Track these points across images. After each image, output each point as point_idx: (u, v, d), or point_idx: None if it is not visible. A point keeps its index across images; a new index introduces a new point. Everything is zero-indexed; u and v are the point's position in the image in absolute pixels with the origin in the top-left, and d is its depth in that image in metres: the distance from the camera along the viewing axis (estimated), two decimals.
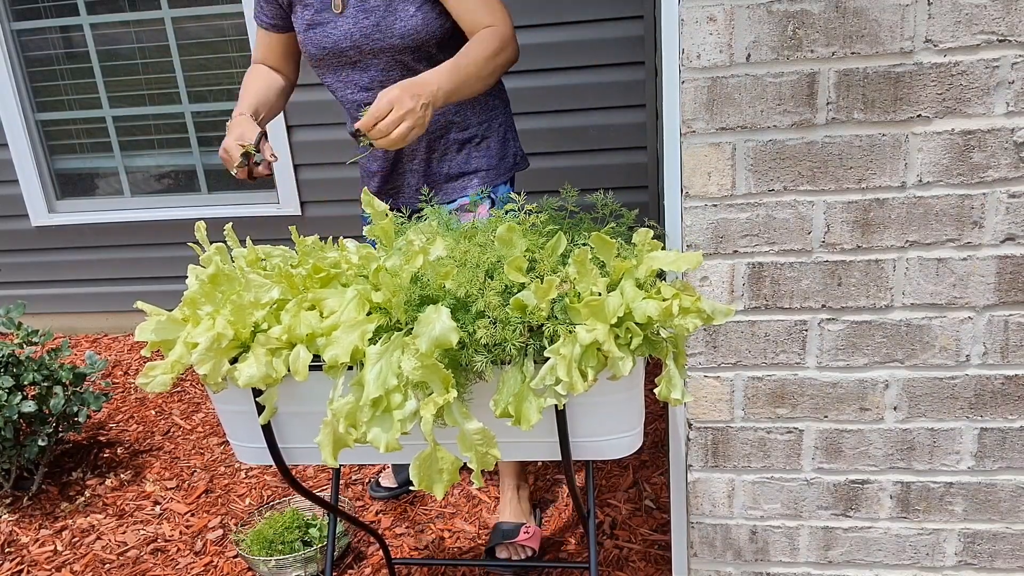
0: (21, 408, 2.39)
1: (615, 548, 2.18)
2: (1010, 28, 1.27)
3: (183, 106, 3.67)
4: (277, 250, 1.40)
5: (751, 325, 1.49)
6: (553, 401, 1.09)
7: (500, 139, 1.94)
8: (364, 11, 1.74)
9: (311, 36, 1.81)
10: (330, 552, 1.74)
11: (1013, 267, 1.39)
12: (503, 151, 1.94)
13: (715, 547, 1.67)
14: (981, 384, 1.47)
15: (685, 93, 1.37)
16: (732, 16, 1.32)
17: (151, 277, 3.89)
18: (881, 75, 1.32)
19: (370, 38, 1.75)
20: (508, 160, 1.96)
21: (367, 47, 1.76)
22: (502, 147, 1.94)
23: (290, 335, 1.13)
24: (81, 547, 2.39)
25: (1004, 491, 1.55)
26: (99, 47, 3.61)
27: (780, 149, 1.38)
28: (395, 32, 1.73)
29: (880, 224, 1.40)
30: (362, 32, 1.74)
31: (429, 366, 1.04)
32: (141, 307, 1.19)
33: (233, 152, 1.70)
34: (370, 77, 1.81)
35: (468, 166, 1.92)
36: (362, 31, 1.74)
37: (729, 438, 1.58)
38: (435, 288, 1.14)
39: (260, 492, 2.59)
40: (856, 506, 1.59)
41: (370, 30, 1.74)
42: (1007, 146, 1.33)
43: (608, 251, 1.14)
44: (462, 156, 1.91)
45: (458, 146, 1.90)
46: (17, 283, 4.00)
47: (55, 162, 3.84)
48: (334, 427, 1.10)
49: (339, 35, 1.77)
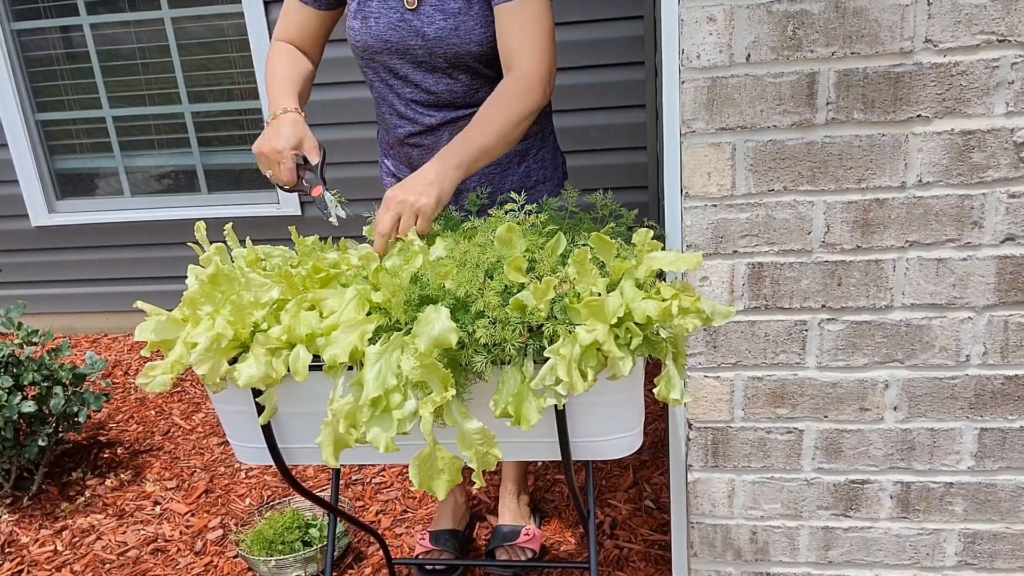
0: (21, 408, 2.39)
1: (615, 548, 2.18)
2: (1010, 28, 1.27)
3: (183, 106, 3.67)
4: (277, 250, 1.40)
5: (751, 325, 1.49)
6: (553, 401, 1.09)
7: (552, 148, 1.87)
8: (442, 11, 1.60)
9: (371, 26, 1.65)
10: (330, 552, 1.74)
11: (1013, 267, 1.39)
12: (555, 160, 1.88)
13: (715, 547, 1.67)
14: (981, 384, 1.47)
15: (685, 93, 1.37)
16: (732, 16, 1.32)
17: (151, 277, 3.89)
18: (881, 75, 1.32)
19: (445, 41, 1.62)
20: (560, 171, 1.90)
21: (440, 50, 1.63)
22: (554, 156, 1.88)
23: (290, 335, 1.13)
24: (81, 547, 2.40)
25: (1004, 491, 1.55)
26: (99, 47, 3.61)
27: (780, 149, 1.38)
28: (473, 39, 1.61)
29: (880, 224, 1.40)
30: (437, 33, 1.61)
31: (428, 366, 1.04)
32: (141, 307, 1.19)
33: (285, 167, 1.52)
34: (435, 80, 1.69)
35: (528, 180, 1.83)
36: (438, 32, 1.61)
37: (729, 438, 1.58)
38: (435, 288, 1.14)
39: (260, 492, 2.59)
40: (856, 506, 1.59)
41: (447, 33, 1.61)
42: (1007, 146, 1.33)
43: (608, 251, 1.14)
44: (523, 169, 1.82)
45: (519, 158, 1.80)
46: (17, 283, 4.00)
47: (55, 162, 3.84)
48: (334, 427, 1.10)
49: (407, 31, 1.63)
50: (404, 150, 1.81)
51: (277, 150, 1.53)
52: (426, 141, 1.76)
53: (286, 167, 1.54)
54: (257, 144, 1.56)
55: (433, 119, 1.73)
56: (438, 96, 1.70)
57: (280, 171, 1.54)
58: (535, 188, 1.83)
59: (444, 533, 2.16)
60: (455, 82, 1.68)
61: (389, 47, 1.66)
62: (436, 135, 1.75)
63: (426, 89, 1.70)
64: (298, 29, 1.74)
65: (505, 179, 1.81)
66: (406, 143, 1.78)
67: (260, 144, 1.56)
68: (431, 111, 1.72)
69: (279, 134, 1.54)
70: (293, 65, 1.70)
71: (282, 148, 1.53)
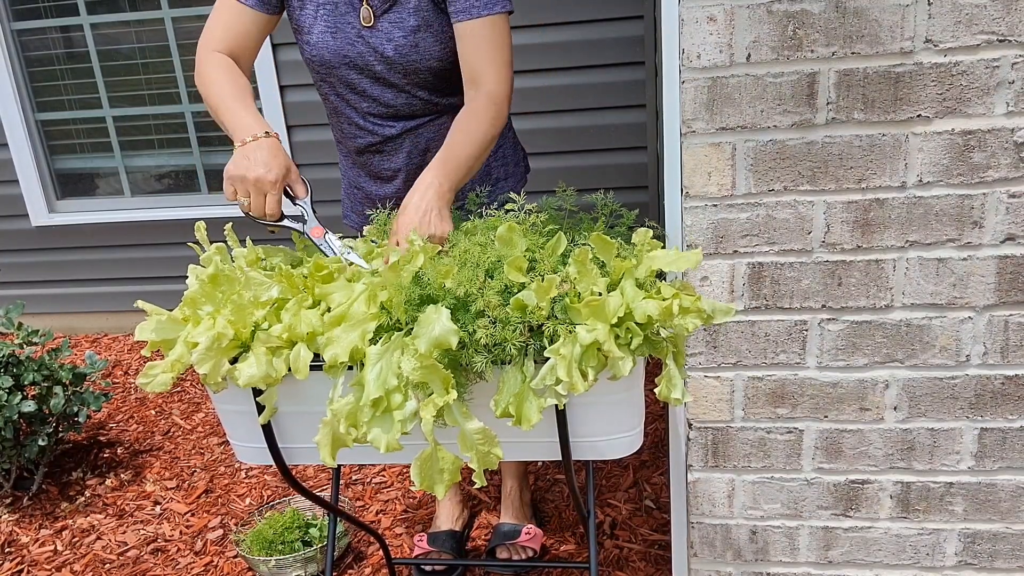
0: (21, 408, 2.39)
1: (615, 548, 2.18)
2: (1010, 28, 1.27)
3: (183, 106, 3.67)
4: (277, 250, 1.40)
5: (751, 325, 1.49)
6: (553, 401, 1.09)
7: (512, 144, 1.90)
8: (400, 28, 1.60)
9: (327, 41, 1.63)
10: (330, 552, 1.74)
11: (1013, 267, 1.39)
12: (516, 156, 1.91)
13: (715, 547, 1.67)
14: (981, 384, 1.47)
15: (685, 93, 1.37)
16: (732, 16, 1.32)
17: (151, 277, 3.89)
18: (881, 75, 1.32)
19: (406, 57, 1.62)
20: (521, 165, 1.93)
21: (399, 66, 1.63)
22: (515, 152, 1.90)
23: (291, 333, 1.13)
24: (81, 547, 2.39)
25: (1004, 491, 1.55)
26: (99, 47, 3.61)
27: (780, 149, 1.38)
28: (433, 55, 1.62)
29: (880, 224, 1.40)
30: (396, 50, 1.61)
31: (429, 366, 1.04)
32: (141, 307, 1.19)
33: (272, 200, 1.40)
34: (393, 94, 1.69)
35: (490, 177, 1.85)
36: (396, 48, 1.61)
37: (729, 438, 1.58)
38: (435, 288, 1.14)
39: (260, 492, 2.59)
40: (856, 506, 1.59)
41: (407, 49, 1.61)
42: (1007, 146, 1.33)
43: (608, 251, 1.14)
44: (484, 168, 1.84)
45: None
46: (17, 283, 4.00)
47: (55, 162, 3.84)
48: (333, 427, 1.10)
49: (364, 47, 1.63)
50: (363, 158, 1.82)
51: (266, 179, 1.39)
52: (386, 148, 1.78)
53: (273, 199, 1.41)
54: (235, 168, 1.40)
55: (393, 130, 1.74)
56: (397, 109, 1.71)
57: (263, 203, 1.41)
58: (497, 185, 1.86)
59: (442, 534, 2.16)
60: (413, 97, 1.69)
61: (347, 62, 1.65)
62: (396, 143, 1.77)
63: (384, 103, 1.70)
64: (236, 35, 1.59)
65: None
66: (366, 151, 1.80)
67: (240, 169, 1.39)
68: (390, 122, 1.73)
69: (262, 161, 1.39)
70: (239, 83, 1.55)
71: (274, 179, 1.39)
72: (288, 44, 3.38)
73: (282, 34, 3.34)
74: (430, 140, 1.76)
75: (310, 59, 1.68)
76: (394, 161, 1.79)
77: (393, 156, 1.79)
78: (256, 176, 1.39)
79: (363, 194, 1.89)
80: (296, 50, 3.33)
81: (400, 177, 1.81)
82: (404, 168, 1.80)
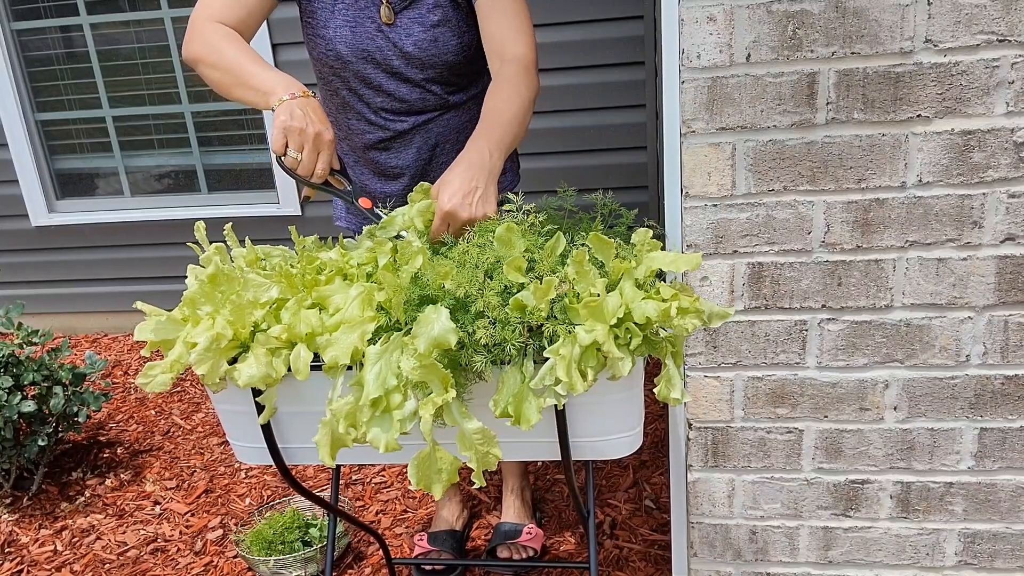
0: (21, 408, 2.39)
1: (615, 548, 2.18)
2: (1010, 28, 1.27)
3: (183, 106, 3.67)
4: (277, 250, 1.40)
5: (751, 325, 1.49)
6: (553, 401, 1.09)
7: None
8: (421, 24, 1.62)
9: (346, 36, 1.62)
10: (330, 552, 1.74)
11: (1013, 267, 1.39)
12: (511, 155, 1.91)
13: (715, 547, 1.67)
14: (981, 384, 1.47)
15: (685, 93, 1.37)
16: (732, 16, 1.32)
17: (151, 277, 3.89)
18: (881, 75, 1.32)
19: (425, 52, 1.62)
20: (515, 161, 1.93)
21: (417, 61, 1.64)
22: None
23: (290, 334, 1.12)
24: (81, 547, 2.39)
25: (1004, 491, 1.54)
26: (99, 47, 3.61)
27: (780, 149, 1.38)
28: (450, 49, 1.63)
29: (880, 224, 1.40)
30: (416, 45, 1.62)
31: (428, 366, 1.04)
32: (140, 307, 1.19)
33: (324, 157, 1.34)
34: (408, 89, 1.68)
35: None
36: (416, 43, 1.62)
37: (729, 438, 1.58)
38: (434, 288, 1.14)
39: (260, 492, 2.59)
40: (856, 506, 1.59)
41: (426, 44, 1.62)
42: (1007, 146, 1.33)
43: (606, 251, 1.14)
44: None
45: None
46: (17, 283, 4.00)
47: (55, 162, 3.84)
48: (333, 427, 1.10)
49: (383, 42, 1.63)
50: (370, 155, 1.81)
51: (325, 137, 1.33)
52: (395, 144, 1.78)
53: (325, 158, 1.35)
54: (293, 120, 1.32)
55: (404, 124, 1.74)
56: (410, 104, 1.72)
57: (315, 160, 1.35)
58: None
59: (443, 534, 2.16)
60: (427, 92, 1.70)
61: (364, 56, 1.64)
62: (406, 138, 1.76)
63: (399, 98, 1.71)
64: (238, 8, 1.50)
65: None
66: (373, 148, 1.79)
67: (299, 121, 1.31)
68: (403, 117, 1.74)
69: (319, 119, 1.32)
70: (251, 49, 1.46)
71: (331, 137, 1.32)
72: (288, 44, 3.37)
73: (282, 34, 3.34)
74: (440, 135, 1.76)
75: (324, 53, 1.66)
76: (402, 158, 1.79)
77: (402, 152, 1.78)
78: (316, 131, 1.33)
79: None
80: (296, 50, 3.33)
81: (407, 175, 1.81)
82: (411, 166, 1.80)
